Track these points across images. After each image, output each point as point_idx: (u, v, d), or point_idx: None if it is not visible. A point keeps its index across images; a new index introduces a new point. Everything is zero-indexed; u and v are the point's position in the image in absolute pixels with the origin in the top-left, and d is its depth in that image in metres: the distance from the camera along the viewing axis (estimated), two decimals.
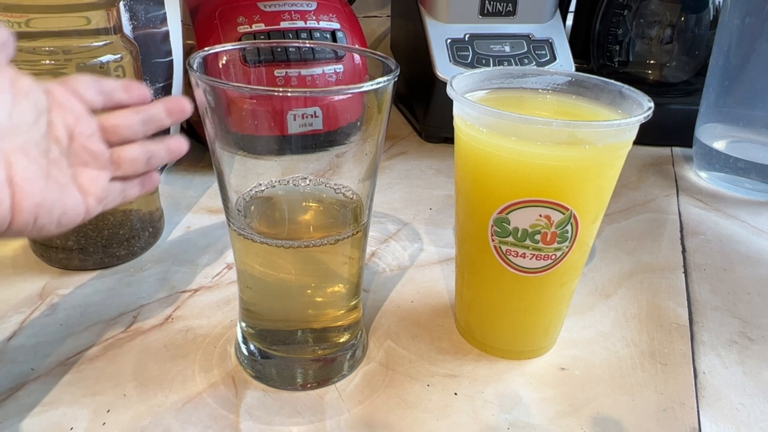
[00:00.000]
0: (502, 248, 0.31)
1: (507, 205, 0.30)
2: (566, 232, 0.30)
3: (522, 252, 0.31)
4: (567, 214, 0.29)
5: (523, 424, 0.30)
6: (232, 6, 0.53)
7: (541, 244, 0.30)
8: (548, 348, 0.36)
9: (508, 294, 0.33)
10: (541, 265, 0.31)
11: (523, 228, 0.30)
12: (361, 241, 0.32)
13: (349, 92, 0.27)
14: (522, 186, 0.29)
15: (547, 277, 0.32)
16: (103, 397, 0.31)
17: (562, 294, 0.33)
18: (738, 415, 0.31)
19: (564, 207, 0.29)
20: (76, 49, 0.36)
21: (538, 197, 0.29)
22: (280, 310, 0.32)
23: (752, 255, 0.47)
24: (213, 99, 0.27)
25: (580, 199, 0.29)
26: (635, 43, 0.71)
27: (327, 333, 0.33)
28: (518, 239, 0.31)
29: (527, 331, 0.34)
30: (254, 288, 0.32)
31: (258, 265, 0.31)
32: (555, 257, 0.31)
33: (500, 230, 0.31)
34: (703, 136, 0.60)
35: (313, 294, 0.32)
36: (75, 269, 0.41)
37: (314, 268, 0.31)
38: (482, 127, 0.30)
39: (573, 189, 0.29)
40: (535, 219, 0.30)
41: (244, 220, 0.30)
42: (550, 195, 0.29)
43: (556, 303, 0.34)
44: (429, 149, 0.65)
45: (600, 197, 0.31)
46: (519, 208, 0.30)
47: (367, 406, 0.31)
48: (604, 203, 0.31)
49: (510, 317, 0.34)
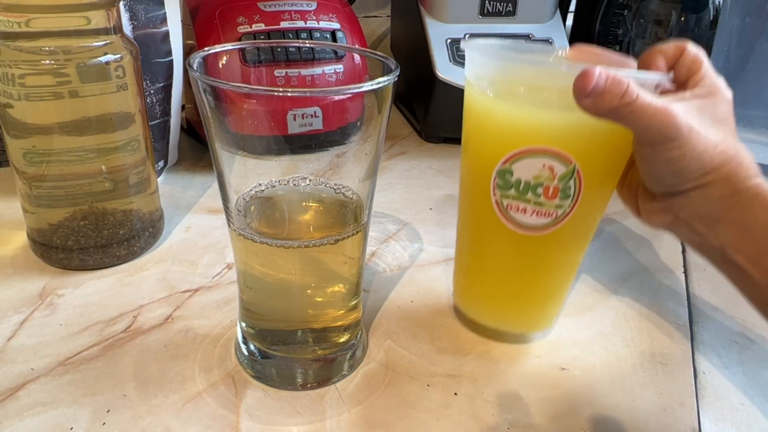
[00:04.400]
0: (504, 202, 0.31)
1: (511, 154, 0.30)
2: (569, 188, 0.30)
3: (523, 206, 0.31)
4: (570, 167, 0.29)
5: (523, 424, 0.30)
6: (232, 6, 0.53)
7: (543, 198, 0.30)
8: (543, 327, 0.35)
9: (506, 256, 0.33)
10: (542, 223, 0.31)
11: (526, 180, 0.30)
12: (361, 241, 0.32)
13: (349, 92, 0.27)
14: (527, 135, 0.29)
15: (547, 239, 0.31)
16: (103, 397, 0.31)
17: (562, 263, 0.33)
18: (738, 415, 0.31)
19: (568, 159, 0.29)
20: (76, 49, 0.36)
21: (543, 145, 0.29)
22: (280, 310, 0.32)
23: None
24: (213, 99, 0.27)
25: (586, 152, 0.29)
26: (635, 43, 0.71)
27: (327, 333, 0.33)
28: (520, 192, 0.30)
29: (524, 302, 0.34)
30: (254, 288, 0.32)
31: (258, 265, 0.31)
32: (556, 215, 0.30)
33: (503, 182, 0.31)
34: None
35: (313, 294, 0.32)
36: (75, 269, 0.41)
37: (314, 268, 0.31)
38: (491, 73, 0.29)
39: (578, 140, 0.29)
40: (538, 170, 0.30)
41: (244, 220, 0.30)
42: (554, 143, 0.29)
43: (556, 272, 0.33)
44: (429, 149, 0.65)
45: (607, 156, 0.30)
46: (523, 157, 0.30)
47: (367, 406, 0.31)
48: (612, 166, 0.31)
49: (507, 283, 0.33)
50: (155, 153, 0.51)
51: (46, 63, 0.35)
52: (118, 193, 0.40)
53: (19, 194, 0.40)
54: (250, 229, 0.30)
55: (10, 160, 0.39)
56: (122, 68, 0.38)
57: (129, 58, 0.38)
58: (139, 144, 0.41)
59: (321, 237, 0.30)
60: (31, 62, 0.35)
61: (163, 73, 0.50)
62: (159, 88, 0.50)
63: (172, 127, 0.53)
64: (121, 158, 0.40)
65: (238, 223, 0.30)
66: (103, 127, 0.38)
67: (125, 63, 0.38)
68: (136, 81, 0.39)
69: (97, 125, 0.38)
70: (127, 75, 0.38)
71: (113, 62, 0.37)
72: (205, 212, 0.50)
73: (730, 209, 0.28)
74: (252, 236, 0.29)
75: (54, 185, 0.39)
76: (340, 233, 0.30)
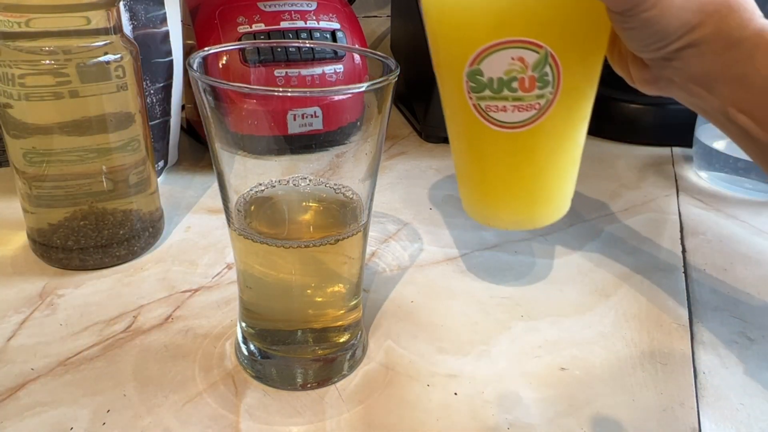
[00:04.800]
0: (482, 105, 0.30)
1: (477, 53, 0.28)
2: (546, 75, 0.28)
3: (502, 105, 0.29)
4: (542, 52, 0.28)
5: (523, 424, 0.30)
6: (232, 6, 0.53)
7: (520, 92, 0.28)
8: (555, 216, 0.34)
9: (499, 157, 0.31)
10: (526, 117, 0.29)
11: (498, 77, 0.28)
12: (361, 241, 0.32)
13: (349, 92, 0.27)
14: (489, 28, 0.28)
15: (537, 131, 0.30)
16: (103, 397, 0.31)
17: (560, 151, 0.31)
18: (738, 415, 0.31)
19: (536, 44, 0.27)
20: (76, 49, 0.36)
21: (507, 37, 0.27)
22: (280, 310, 0.32)
23: (752, 255, 0.47)
24: (213, 99, 0.27)
25: (555, 34, 0.27)
26: None
27: (327, 333, 0.33)
28: (495, 91, 0.29)
29: (529, 198, 0.33)
30: (254, 288, 0.32)
31: (258, 265, 0.31)
32: (539, 106, 0.29)
33: (476, 85, 0.29)
34: (703, 136, 0.60)
35: (313, 294, 0.32)
36: (75, 269, 0.41)
37: (314, 268, 0.31)
38: None
39: (543, 23, 0.27)
40: (508, 64, 0.28)
41: (244, 220, 0.30)
42: (518, 32, 0.27)
43: (555, 161, 0.32)
44: (429, 149, 0.65)
45: (580, 32, 0.28)
46: (489, 54, 0.28)
47: (367, 406, 0.31)
48: (589, 41, 0.29)
49: (507, 183, 0.32)
50: (155, 153, 0.51)
51: (46, 63, 0.35)
52: (118, 193, 0.40)
53: (19, 194, 0.40)
54: (250, 229, 0.30)
55: (10, 160, 0.39)
56: (122, 68, 0.38)
57: (129, 58, 0.38)
58: (139, 144, 0.41)
59: (321, 237, 0.30)
60: (31, 62, 0.35)
61: (163, 73, 0.50)
62: (159, 88, 0.50)
63: (172, 127, 0.53)
64: (121, 158, 0.40)
65: (238, 223, 0.30)
66: (103, 127, 0.38)
67: (125, 63, 0.38)
68: (136, 81, 0.39)
69: (97, 125, 0.38)
70: (127, 75, 0.38)
71: (113, 62, 0.37)
72: (205, 212, 0.50)
73: (728, 66, 0.25)
74: (252, 236, 0.29)
75: (54, 185, 0.39)
76: (340, 233, 0.30)
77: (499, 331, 0.37)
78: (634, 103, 0.69)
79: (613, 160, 0.64)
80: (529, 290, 0.41)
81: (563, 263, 0.45)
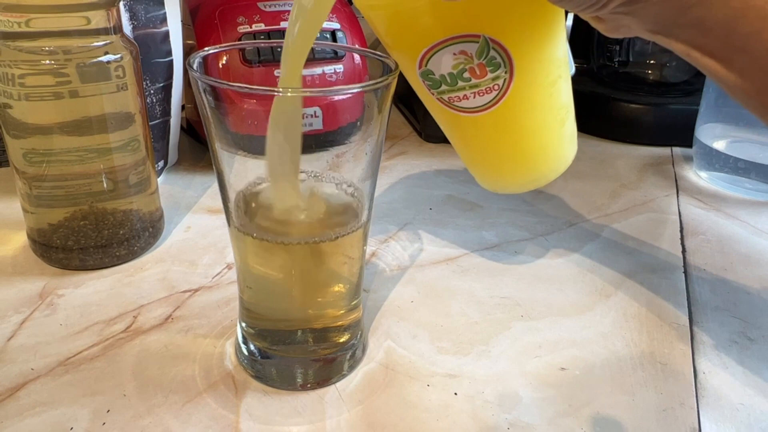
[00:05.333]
0: (445, 98, 0.30)
1: (420, 58, 0.29)
2: (494, 59, 0.28)
3: (462, 94, 0.29)
4: (480, 41, 0.27)
5: (523, 424, 0.30)
6: (232, 6, 0.53)
7: (474, 80, 0.28)
8: (563, 166, 0.34)
9: (481, 136, 0.32)
10: (489, 99, 0.29)
11: (448, 72, 0.29)
12: (361, 240, 0.32)
13: (349, 92, 0.27)
14: (420, 35, 0.28)
15: (507, 106, 0.30)
16: (103, 397, 0.31)
17: (541, 113, 0.31)
18: (738, 415, 0.31)
19: (472, 36, 0.27)
20: (76, 49, 0.36)
21: (440, 38, 0.27)
22: (280, 310, 0.32)
23: (752, 255, 0.47)
24: (213, 99, 0.27)
25: (485, 20, 0.27)
26: (635, 42, 0.71)
27: (327, 333, 0.33)
28: (451, 85, 0.29)
29: (523, 165, 0.33)
30: (254, 288, 0.32)
31: (258, 264, 0.31)
32: (498, 87, 0.29)
33: (432, 83, 0.30)
34: (703, 136, 0.60)
35: (313, 294, 0.32)
36: (75, 269, 0.41)
37: (314, 267, 0.31)
38: None
39: (470, 15, 0.27)
40: (453, 60, 0.28)
41: (244, 215, 0.30)
42: (449, 31, 0.27)
43: (538, 123, 0.31)
44: (429, 149, 0.65)
45: (509, 7, 0.28)
46: (431, 55, 0.28)
47: (367, 406, 0.31)
48: (526, 12, 0.28)
49: (498, 156, 0.32)
50: (155, 153, 0.51)
51: (46, 63, 0.35)
52: (118, 193, 0.40)
53: (19, 194, 0.40)
54: (250, 225, 0.30)
55: (10, 160, 0.39)
56: (122, 68, 0.38)
57: (129, 58, 0.38)
58: (139, 144, 0.41)
59: (321, 232, 0.30)
60: (31, 62, 0.35)
61: (163, 73, 0.50)
62: (159, 88, 0.50)
63: (172, 127, 0.53)
64: (121, 158, 0.40)
65: (238, 220, 0.30)
66: (103, 127, 0.38)
67: (125, 63, 0.38)
68: (136, 81, 0.39)
69: (97, 125, 0.38)
70: (127, 75, 0.38)
71: (113, 62, 0.37)
72: (205, 212, 0.50)
73: (681, 12, 0.23)
74: (251, 232, 0.29)
75: (54, 185, 0.39)
76: (340, 231, 0.30)
77: (499, 331, 0.37)
78: (634, 103, 0.69)
79: (613, 160, 0.64)
80: (529, 290, 0.41)
81: (563, 263, 0.45)
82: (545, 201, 0.54)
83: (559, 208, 0.53)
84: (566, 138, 0.34)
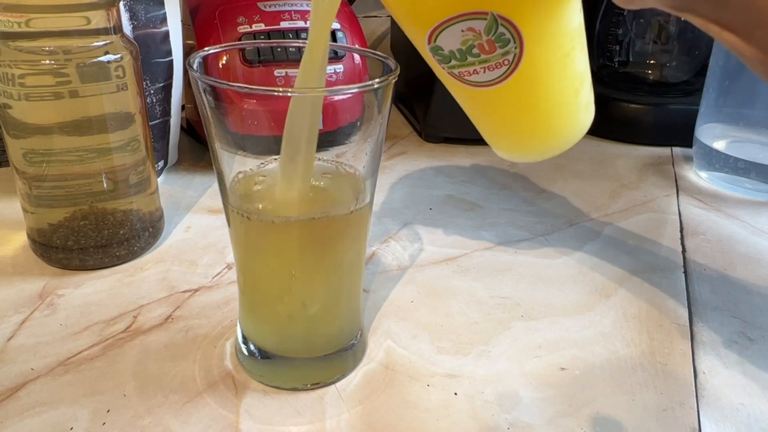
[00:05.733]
0: (455, 72, 0.30)
1: (428, 34, 0.29)
2: (503, 35, 0.28)
3: (472, 69, 0.29)
4: (489, 17, 0.27)
5: (523, 424, 0.30)
6: (232, 6, 0.53)
7: (484, 55, 0.28)
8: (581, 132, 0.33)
9: (494, 109, 0.32)
10: (500, 73, 0.29)
11: (457, 48, 0.29)
12: (363, 228, 0.32)
13: (349, 92, 0.27)
14: (428, 13, 0.28)
15: (518, 79, 0.29)
16: (103, 397, 0.31)
17: (556, 83, 0.31)
18: (738, 415, 0.31)
19: (479, 13, 0.27)
20: (76, 49, 0.36)
21: (447, 16, 0.27)
22: (280, 309, 0.32)
23: (752, 255, 0.47)
24: (213, 99, 0.27)
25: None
26: (635, 43, 0.71)
27: (327, 332, 0.33)
28: (460, 60, 0.29)
29: (543, 129, 0.33)
30: (254, 288, 0.32)
31: (258, 258, 0.30)
32: (508, 62, 0.29)
33: (441, 58, 0.30)
34: (703, 136, 0.60)
35: (313, 293, 0.32)
36: (75, 269, 0.41)
37: (314, 265, 0.31)
38: None
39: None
40: (461, 36, 0.28)
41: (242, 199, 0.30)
42: (456, 8, 0.27)
43: (553, 93, 0.31)
44: (429, 149, 0.65)
45: None
46: (439, 32, 0.28)
47: (367, 406, 0.31)
48: None
49: (517, 125, 0.32)
50: (155, 153, 0.51)
51: (46, 63, 0.36)
52: (118, 193, 0.40)
53: (19, 194, 0.40)
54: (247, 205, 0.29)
55: (10, 160, 0.39)
56: (122, 68, 0.38)
57: (129, 58, 0.38)
58: (139, 144, 0.41)
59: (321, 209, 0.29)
60: (31, 62, 0.35)
61: (163, 73, 0.50)
62: (159, 88, 0.50)
63: (172, 127, 0.53)
64: (121, 158, 0.40)
65: (233, 200, 0.29)
66: (103, 127, 0.38)
67: (125, 63, 0.38)
68: (136, 81, 0.39)
69: (97, 125, 0.38)
70: (127, 75, 0.38)
71: (113, 62, 0.37)
72: (205, 212, 0.50)
73: None
74: (248, 214, 0.29)
75: (54, 185, 0.39)
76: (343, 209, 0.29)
77: (499, 331, 0.37)
78: (634, 103, 0.69)
79: (613, 160, 0.64)
80: (529, 290, 0.41)
81: (563, 263, 0.45)
82: (545, 201, 0.54)
83: (559, 208, 0.53)
84: (581, 107, 0.33)
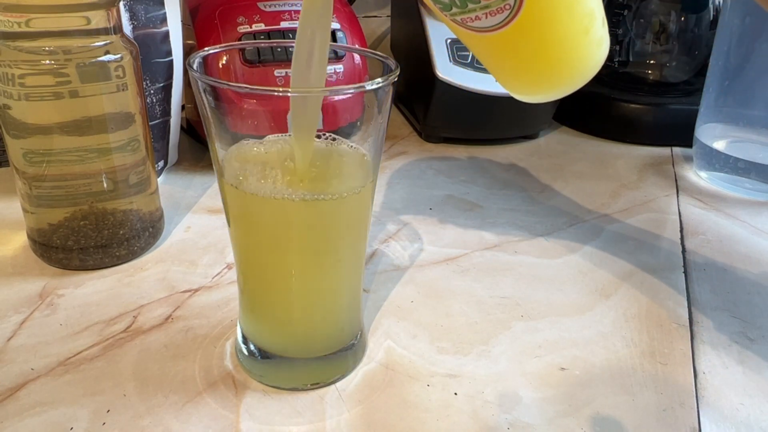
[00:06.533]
0: (458, 19, 0.30)
1: None
2: None
3: (474, 15, 0.29)
4: None
5: (523, 424, 0.30)
6: (232, 6, 0.53)
7: (484, 1, 0.28)
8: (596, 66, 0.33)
9: (503, 52, 0.32)
10: (503, 18, 0.29)
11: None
12: (363, 239, 0.32)
13: (349, 92, 0.27)
14: None
15: (522, 22, 0.29)
16: (103, 397, 0.31)
17: (562, 25, 0.31)
18: (738, 415, 0.31)
19: None
20: (76, 49, 0.36)
21: None
22: (280, 309, 0.32)
23: (752, 255, 0.47)
24: (213, 99, 0.27)
25: None
26: (635, 43, 0.71)
27: (327, 332, 0.33)
28: (461, 7, 0.29)
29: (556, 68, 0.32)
30: (254, 287, 0.32)
31: (257, 254, 0.30)
32: (510, 6, 0.28)
33: (442, 6, 0.29)
34: (703, 136, 0.60)
35: (313, 293, 0.32)
36: (75, 269, 0.41)
37: (314, 264, 0.31)
38: None
39: None
40: None
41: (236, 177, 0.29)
42: None
43: (560, 31, 0.31)
44: (429, 149, 0.65)
45: None
46: None
47: (367, 406, 0.31)
48: None
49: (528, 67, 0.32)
50: (155, 153, 0.51)
51: (46, 63, 0.35)
52: (118, 193, 0.40)
53: (19, 194, 0.40)
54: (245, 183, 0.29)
55: (10, 160, 0.39)
56: (122, 68, 0.38)
57: (129, 58, 0.38)
58: (139, 144, 0.41)
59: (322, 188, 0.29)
60: (31, 62, 0.35)
61: (163, 73, 0.50)
62: (159, 88, 0.50)
63: (172, 127, 0.53)
64: (121, 158, 0.40)
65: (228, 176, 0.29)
66: (103, 127, 0.38)
67: (125, 63, 0.38)
68: (136, 81, 0.39)
69: (97, 125, 0.38)
70: (127, 75, 0.38)
71: (113, 62, 0.37)
72: (205, 212, 0.50)
73: None
74: (244, 189, 0.28)
75: (54, 185, 0.39)
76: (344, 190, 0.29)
77: (499, 331, 0.37)
78: (634, 103, 0.69)
79: (613, 160, 0.64)
80: (529, 290, 0.41)
81: (563, 263, 0.45)
82: (545, 201, 0.54)
83: (559, 207, 0.53)
84: (592, 45, 0.33)
